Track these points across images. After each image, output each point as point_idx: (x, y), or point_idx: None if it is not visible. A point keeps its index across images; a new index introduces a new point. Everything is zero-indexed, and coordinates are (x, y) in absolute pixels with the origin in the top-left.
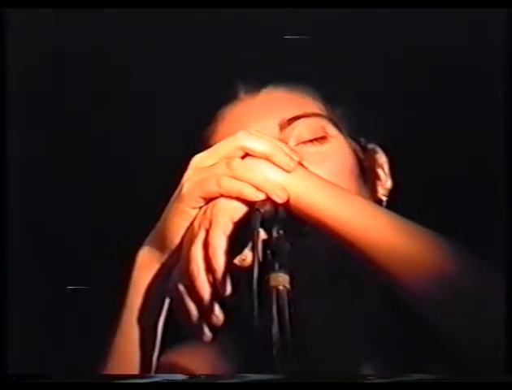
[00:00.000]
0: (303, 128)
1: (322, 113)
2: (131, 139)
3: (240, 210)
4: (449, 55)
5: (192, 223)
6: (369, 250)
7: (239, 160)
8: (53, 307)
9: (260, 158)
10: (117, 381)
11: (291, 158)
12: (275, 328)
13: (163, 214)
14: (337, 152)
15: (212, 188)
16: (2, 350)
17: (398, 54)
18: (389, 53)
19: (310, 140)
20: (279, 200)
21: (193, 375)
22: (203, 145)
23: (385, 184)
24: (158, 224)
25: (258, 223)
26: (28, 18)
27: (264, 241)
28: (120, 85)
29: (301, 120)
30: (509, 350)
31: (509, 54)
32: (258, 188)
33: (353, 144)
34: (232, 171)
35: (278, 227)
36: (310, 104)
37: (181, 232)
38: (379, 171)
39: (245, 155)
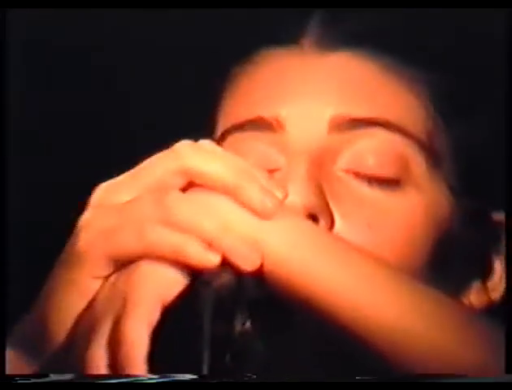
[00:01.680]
0: (371, 149)
1: (420, 134)
2: (131, 139)
3: (178, 282)
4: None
5: (91, 305)
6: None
7: (177, 194)
8: None
9: (216, 190)
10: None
11: (270, 193)
12: None
13: (48, 284)
14: (410, 215)
15: (129, 244)
16: (1, 350)
17: None
18: None
19: (371, 178)
20: (247, 266)
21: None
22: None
23: (497, 284)
24: (36, 307)
25: (210, 307)
26: (28, 18)
27: (220, 338)
28: (120, 85)
29: (376, 130)
30: (509, 350)
31: (509, 54)
32: (210, 245)
33: (455, 208)
34: (164, 214)
35: (243, 313)
36: (409, 109)
37: (73, 316)
38: (494, 263)
39: (189, 185)
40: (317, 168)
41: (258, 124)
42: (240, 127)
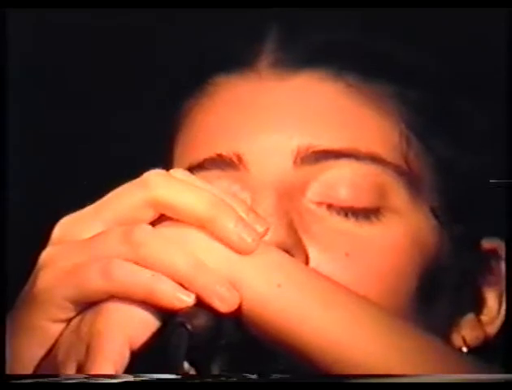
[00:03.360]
0: (342, 180)
1: (394, 158)
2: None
3: (148, 324)
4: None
5: (52, 348)
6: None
7: (147, 228)
8: None
9: (190, 224)
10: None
11: (249, 227)
12: None
13: (5, 330)
14: (392, 244)
15: (94, 283)
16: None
17: None
18: None
19: (346, 209)
20: (224, 307)
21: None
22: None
23: (492, 317)
24: None
25: (183, 351)
26: (28, 18)
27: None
28: (121, 85)
29: (345, 161)
30: (509, 350)
31: (509, 54)
32: (182, 284)
33: (440, 233)
34: (132, 250)
35: (220, 361)
36: (379, 130)
37: (33, 363)
38: (488, 294)
39: (160, 218)
40: (285, 202)
41: (218, 162)
42: (198, 166)
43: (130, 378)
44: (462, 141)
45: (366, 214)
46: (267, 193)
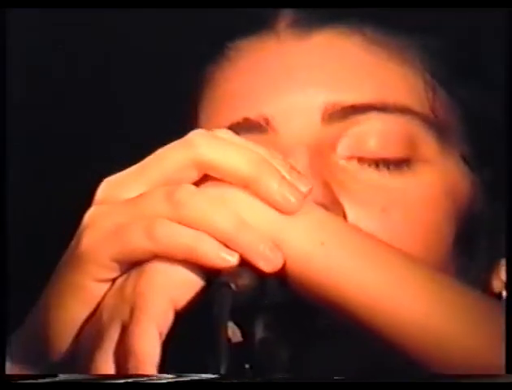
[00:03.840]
0: (371, 133)
1: (421, 107)
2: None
3: (192, 285)
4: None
5: (96, 310)
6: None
7: (190, 188)
8: None
9: (233, 184)
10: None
11: (293, 187)
12: None
13: (48, 290)
14: (426, 195)
15: (138, 243)
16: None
17: None
18: None
19: (378, 161)
20: (268, 267)
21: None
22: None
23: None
24: (39, 308)
25: (227, 312)
26: (28, 18)
27: (238, 347)
28: (121, 85)
29: (373, 114)
30: (509, 350)
31: (509, 55)
32: (226, 244)
33: (471, 180)
34: (176, 210)
35: (265, 319)
36: (404, 80)
37: (77, 324)
38: None
39: (204, 178)
40: (317, 161)
41: (245, 126)
42: None
43: (170, 377)
44: (487, 88)
45: (398, 164)
46: (299, 154)
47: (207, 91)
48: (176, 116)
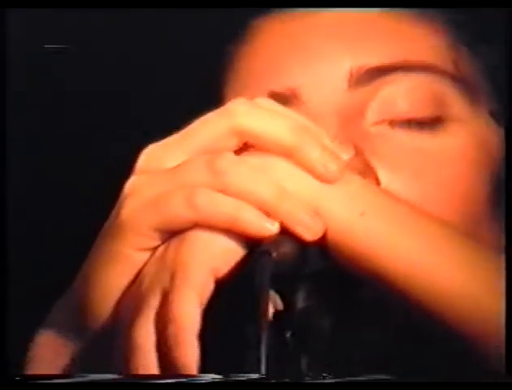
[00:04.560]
0: (399, 93)
1: (446, 66)
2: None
3: (232, 253)
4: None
5: (137, 278)
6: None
7: (231, 156)
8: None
9: (273, 152)
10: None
11: (334, 155)
12: None
13: (88, 260)
14: (459, 154)
15: (178, 212)
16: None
17: None
18: None
19: (409, 121)
20: (309, 235)
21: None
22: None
23: None
24: (79, 278)
25: (268, 280)
26: (28, 18)
27: (279, 316)
28: (121, 85)
29: (399, 74)
30: (509, 350)
31: (509, 54)
32: (267, 213)
33: (502, 136)
34: (217, 179)
35: (306, 287)
36: (426, 41)
37: (117, 293)
38: None
39: (244, 146)
40: (348, 128)
41: (273, 100)
42: None
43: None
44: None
45: (430, 124)
46: (329, 122)
47: (231, 71)
48: (202, 101)
